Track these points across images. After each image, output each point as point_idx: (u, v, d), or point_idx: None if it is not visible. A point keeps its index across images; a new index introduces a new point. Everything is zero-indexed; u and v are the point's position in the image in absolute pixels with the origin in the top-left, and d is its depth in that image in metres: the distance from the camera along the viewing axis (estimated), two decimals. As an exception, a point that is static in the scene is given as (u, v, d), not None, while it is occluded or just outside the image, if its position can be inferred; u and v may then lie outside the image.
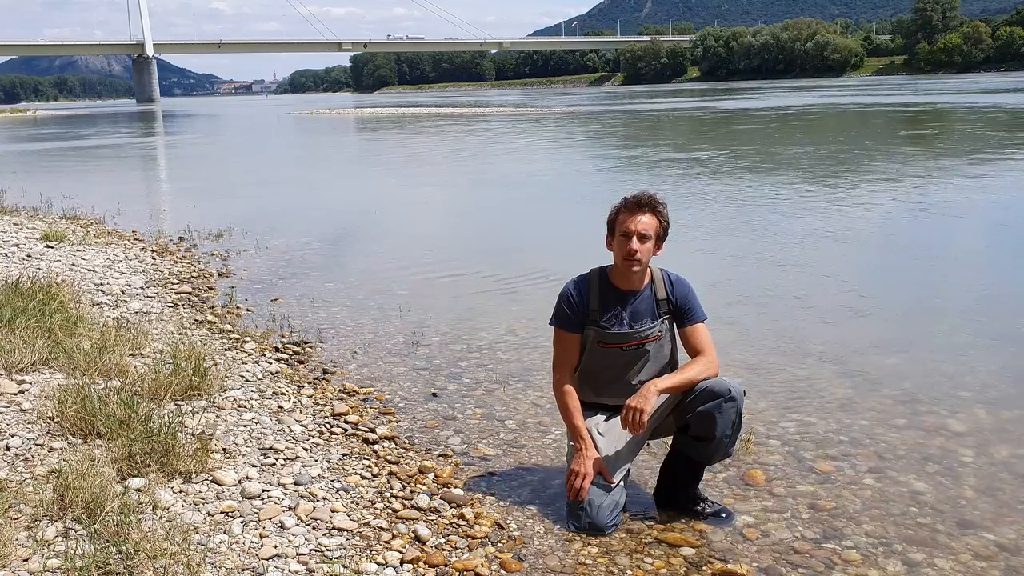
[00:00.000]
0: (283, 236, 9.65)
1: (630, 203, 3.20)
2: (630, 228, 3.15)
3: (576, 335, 3.29)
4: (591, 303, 3.26)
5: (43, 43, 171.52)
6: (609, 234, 3.27)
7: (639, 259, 3.17)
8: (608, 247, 3.29)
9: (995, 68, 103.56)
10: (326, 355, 5.30)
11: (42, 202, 12.19)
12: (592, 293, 3.27)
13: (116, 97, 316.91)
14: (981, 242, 8.77)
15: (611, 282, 3.28)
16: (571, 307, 3.28)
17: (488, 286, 7.20)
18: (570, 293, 3.30)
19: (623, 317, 3.24)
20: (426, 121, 41.30)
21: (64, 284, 6.08)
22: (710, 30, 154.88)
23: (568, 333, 3.30)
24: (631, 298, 3.26)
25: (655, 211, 3.19)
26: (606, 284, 3.28)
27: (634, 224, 3.15)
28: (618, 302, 3.26)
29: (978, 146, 18.74)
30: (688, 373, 3.16)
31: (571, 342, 3.31)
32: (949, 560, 2.91)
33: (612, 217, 3.25)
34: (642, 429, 3.08)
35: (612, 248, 3.26)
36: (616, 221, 3.23)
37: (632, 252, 3.15)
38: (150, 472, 3.20)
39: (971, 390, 4.47)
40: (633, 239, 3.15)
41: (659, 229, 3.20)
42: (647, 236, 3.16)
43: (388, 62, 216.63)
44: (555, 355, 3.36)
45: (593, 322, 3.26)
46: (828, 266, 7.51)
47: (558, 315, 3.32)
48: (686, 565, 2.92)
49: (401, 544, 2.97)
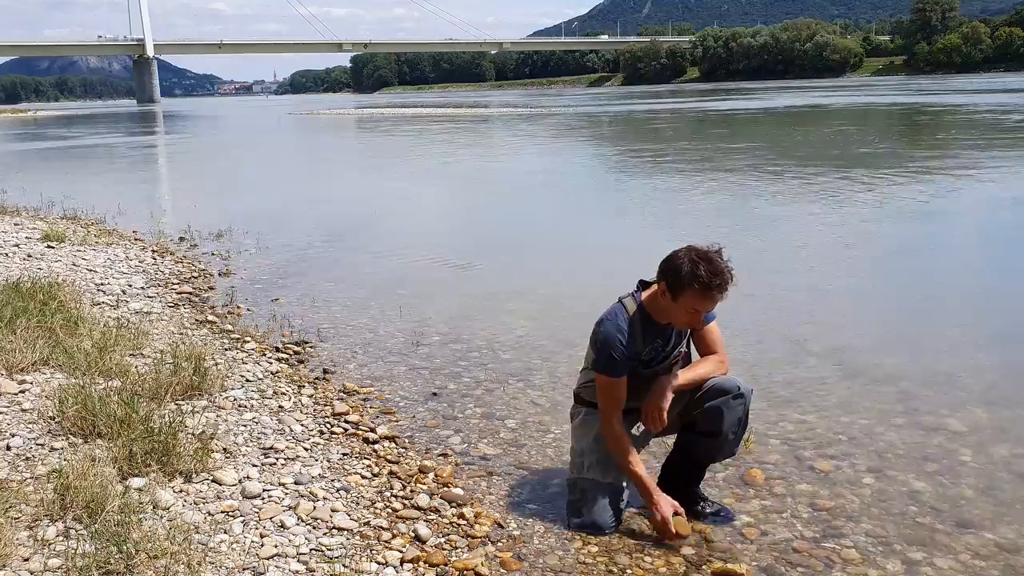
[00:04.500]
0: (283, 236, 9.65)
1: (710, 286, 2.90)
2: (702, 308, 3.00)
3: (625, 378, 3.12)
4: (637, 347, 3.11)
5: (43, 43, 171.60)
6: (671, 293, 2.98)
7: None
8: (660, 292, 3.03)
9: (994, 68, 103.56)
10: (326, 355, 5.30)
11: (43, 202, 12.20)
12: (636, 335, 3.10)
13: (117, 97, 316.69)
14: (981, 241, 8.77)
15: (651, 318, 3.13)
16: (621, 355, 3.07)
17: (488, 286, 7.21)
18: (617, 341, 3.05)
19: (662, 349, 3.19)
20: (426, 121, 41.29)
21: (65, 284, 6.08)
22: (710, 31, 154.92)
23: (618, 380, 3.11)
24: (668, 329, 3.17)
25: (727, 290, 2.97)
26: (647, 321, 3.13)
27: (707, 306, 2.99)
28: (658, 335, 3.16)
29: (978, 145, 18.74)
30: (700, 370, 3.17)
31: (621, 386, 3.12)
32: (948, 559, 2.92)
33: (682, 285, 2.94)
34: (664, 424, 3.08)
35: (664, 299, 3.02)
36: (687, 294, 2.94)
37: (695, 323, 3.10)
38: (151, 472, 3.20)
39: (971, 390, 4.47)
40: (701, 316, 3.05)
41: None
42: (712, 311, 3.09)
43: (388, 62, 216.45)
44: (606, 402, 3.13)
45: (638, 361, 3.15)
46: (828, 266, 7.51)
47: (607, 365, 3.08)
48: (686, 565, 2.92)
49: (401, 544, 2.97)
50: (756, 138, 24.27)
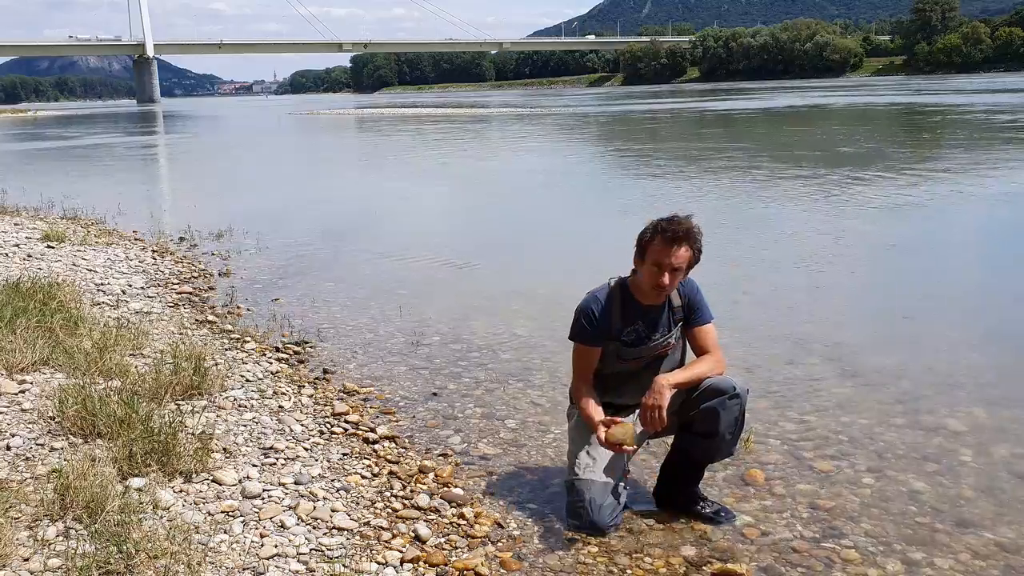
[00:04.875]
0: (283, 236, 9.65)
1: (667, 234, 3.03)
2: (663, 262, 3.04)
3: (597, 348, 3.23)
4: (612, 319, 3.20)
5: (43, 43, 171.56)
6: (639, 255, 3.14)
7: (668, 291, 3.13)
8: (635, 265, 3.18)
9: (994, 68, 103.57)
10: (326, 355, 5.30)
11: (43, 202, 12.20)
12: (614, 309, 3.20)
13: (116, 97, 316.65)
14: (981, 240, 8.77)
15: (634, 297, 3.21)
16: (591, 323, 3.20)
17: (488, 285, 7.21)
18: (590, 309, 3.20)
19: (643, 331, 3.21)
20: (426, 121, 41.29)
21: (65, 284, 6.08)
22: (710, 31, 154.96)
23: (589, 347, 3.24)
24: (652, 312, 3.22)
25: (691, 244, 3.06)
26: (629, 299, 3.21)
27: (668, 258, 3.04)
28: (639, 316, 3.21)
29: (978, 144, 18.74)
30: (697, 369, 3.16)
31: (592, 354, 3.24)
32: (948, 559, 2.92)
33: (645, 240, 3.10)
34: (663, 424, 3.05)
35: (639, 266, 3.16)
36: (649, 248, 3.08)
37: (662, 286, 3.09)
38: (151, 472, 3.20)
39: (971, 390, 4.47)
40: (665, 274, 3.07)
41: (691, 260, 3.11)
42: (679, 269, 3.09)
43: (388, 62, 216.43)
44: (575, 367, 3.30)
45: (614, 337, 3.22)
46: (828, 266, 7.51)
47: (578, 331, 3.23)
48: (686, 565, 2.92)
49: (401, 544, 2.97)
50: (756, 138, 24.26)
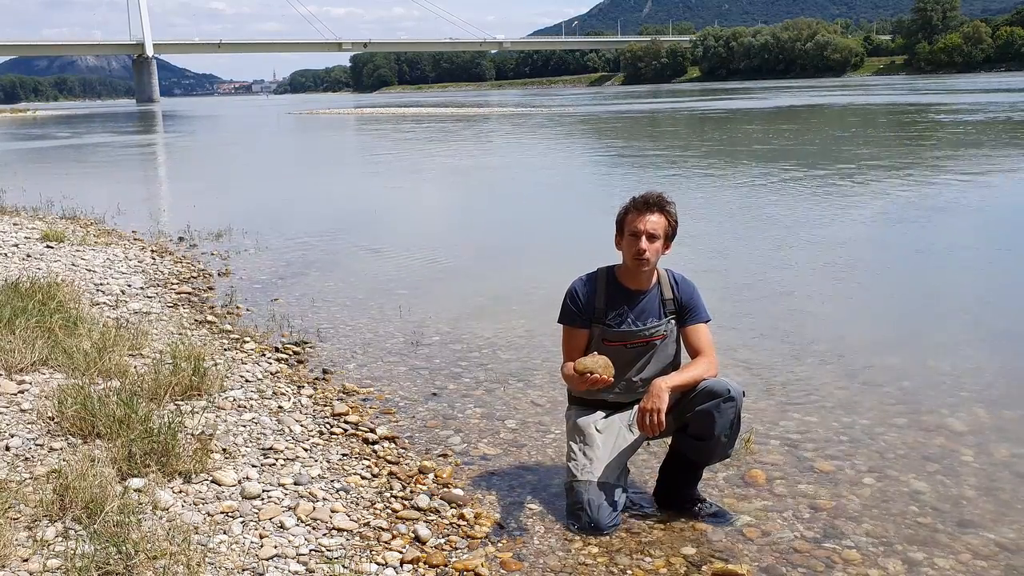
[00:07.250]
0: (283, 236, 9.65)
1: (639, 203, 3.19)
2: (639, 228, 3.15)
3: (584, 330, 3.30)
4: (597, 301, 3.27)
5: (42, 43, 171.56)
6: (618, 233, 3.26)
7: (647, 258, 3.17)
8: (617, 246, 3.29)
9: (995, 68, 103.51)
10: (326, 355, 5.30)
11: (42, 202, 12.19)
12: (599, 291, 3.28)
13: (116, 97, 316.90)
14: (981, 241, 8.76)
15: (619, 281, 3.29)
16: (577, 305, 3.30)
17: (488, 285, 7.20)
18: (576, 291, 3.32)
19: (629, 316, 3.25)
20: (426, 120, 41.29)
21: (64, 284, 6.08)
22: (710, 30, 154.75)
23: (575, 329, 3.32)
24: (638, 297, 3.26)
25: (664, 210, 3.19)
26: (614, 283, 3.29)
27: (643, 224, 3.15)
28: (625, 301, 3.26)
29: (978, 144, 18.74)
30: (693, 372, 3.16)
31: (579, 336, 3.32)
32: (949, 559, 2.91)
33: (621, 216, 3.25)
34: (662, 428, 3.03)
35: (620, 247, 3.26)
36: (625, 220, 3.22)
37: (641, 251, 3.15)
38: (150, 472, 3.20)
39: (971, 390, 4.47)
40: (642, 239, 3.14)
41: (668, 228, 3.20)
42: (656, 236, 3.16)
43: (388, 62, 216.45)
44: (564, 352, 3.38)
45: (598, 320, 3.27)
46: (828, 266, 7.51)
47: (565, 313, 3.34)
48: (686, 565, 2.92)
49: (401, 544, 2.97)
50: (755, 138, 24.25)
